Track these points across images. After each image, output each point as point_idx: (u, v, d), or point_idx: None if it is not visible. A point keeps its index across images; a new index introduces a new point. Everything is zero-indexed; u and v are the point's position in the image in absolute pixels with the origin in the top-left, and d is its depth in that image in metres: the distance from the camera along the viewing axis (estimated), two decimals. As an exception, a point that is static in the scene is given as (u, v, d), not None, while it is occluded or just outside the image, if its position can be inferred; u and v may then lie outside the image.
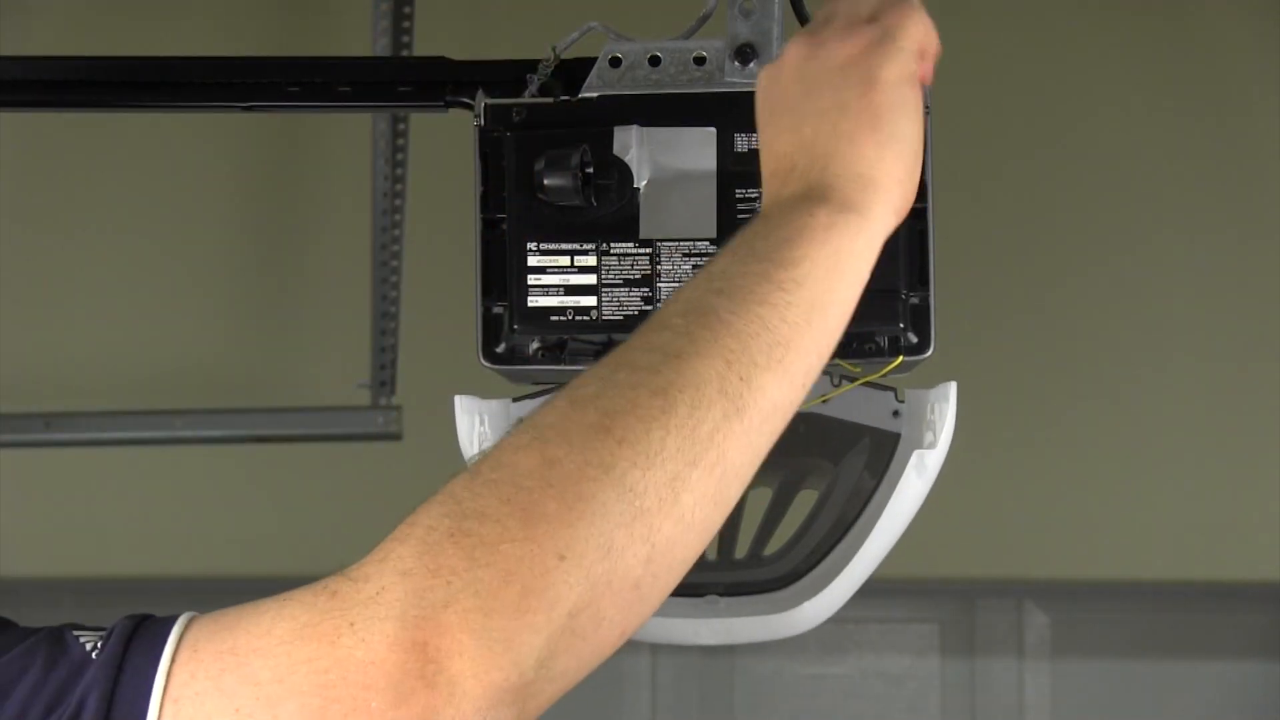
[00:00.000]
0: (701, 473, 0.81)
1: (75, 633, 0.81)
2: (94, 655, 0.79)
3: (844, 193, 0.89)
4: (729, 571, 1.20)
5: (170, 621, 0.80)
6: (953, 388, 1.15)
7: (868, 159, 0.90)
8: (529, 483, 0.78)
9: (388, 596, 0.76)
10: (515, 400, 1.18)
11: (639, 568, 0.79)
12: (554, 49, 1.18)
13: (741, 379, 0.82)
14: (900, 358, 1.10)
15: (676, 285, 1.13)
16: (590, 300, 1.13)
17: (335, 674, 0.75)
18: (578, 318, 1.13)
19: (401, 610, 0.75)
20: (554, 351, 1.14)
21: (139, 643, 0.79)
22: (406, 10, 2.77)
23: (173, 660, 0.77)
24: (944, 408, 1.14)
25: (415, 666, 0.75)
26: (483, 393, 1.18)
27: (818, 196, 0.89)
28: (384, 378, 2.90)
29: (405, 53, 2.75)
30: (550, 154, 1.11)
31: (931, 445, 1.14)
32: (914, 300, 1.12)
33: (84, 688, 0.77)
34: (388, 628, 0.75)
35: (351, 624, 0.76)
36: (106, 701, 0.77)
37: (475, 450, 1.16)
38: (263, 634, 0.77)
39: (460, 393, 1.17)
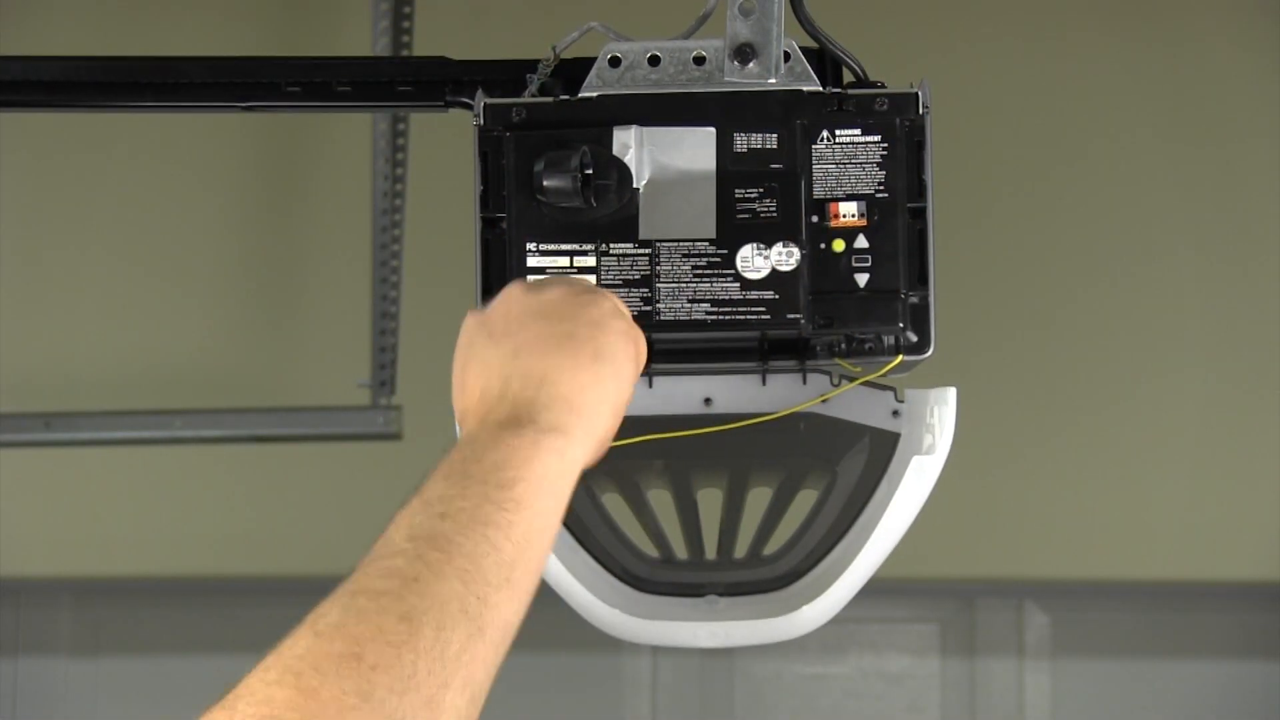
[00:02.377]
0: (454, 694, 0.81)
1: None
2: None
3: (549, 415, 0.92)
4: (729, 571, 1.20)
5: None
6: (953, 392, 1.15)
7: (577, 384, 0.94)
8: (290, 716, 0.77)
9: None
10: (515, 400, 1.18)
11: None
12: (554, 49, 1.18)
13: (479, 598, 0.83)
14: (900, 357, 1.10)
15: (675, 285, 1.13)
16: (590, 300, 1.12)
17: None
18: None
19: None
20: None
21: None
22: (406, 10, 2.77)
23: None
24: (944, 411, 1.14)
25: None
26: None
27: (526, 419, 0.92)
28: (384, 378, 2.90)
29: (405, 53, 2.76)
30: (550, 155, 1.11)
31: (931, 450, 1.14)
32: (914, 300, 1.12)
33: None
34: None
35: None
36: None
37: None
38: None
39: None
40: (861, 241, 1.12)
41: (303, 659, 0.79)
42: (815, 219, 1.13)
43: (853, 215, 1.13)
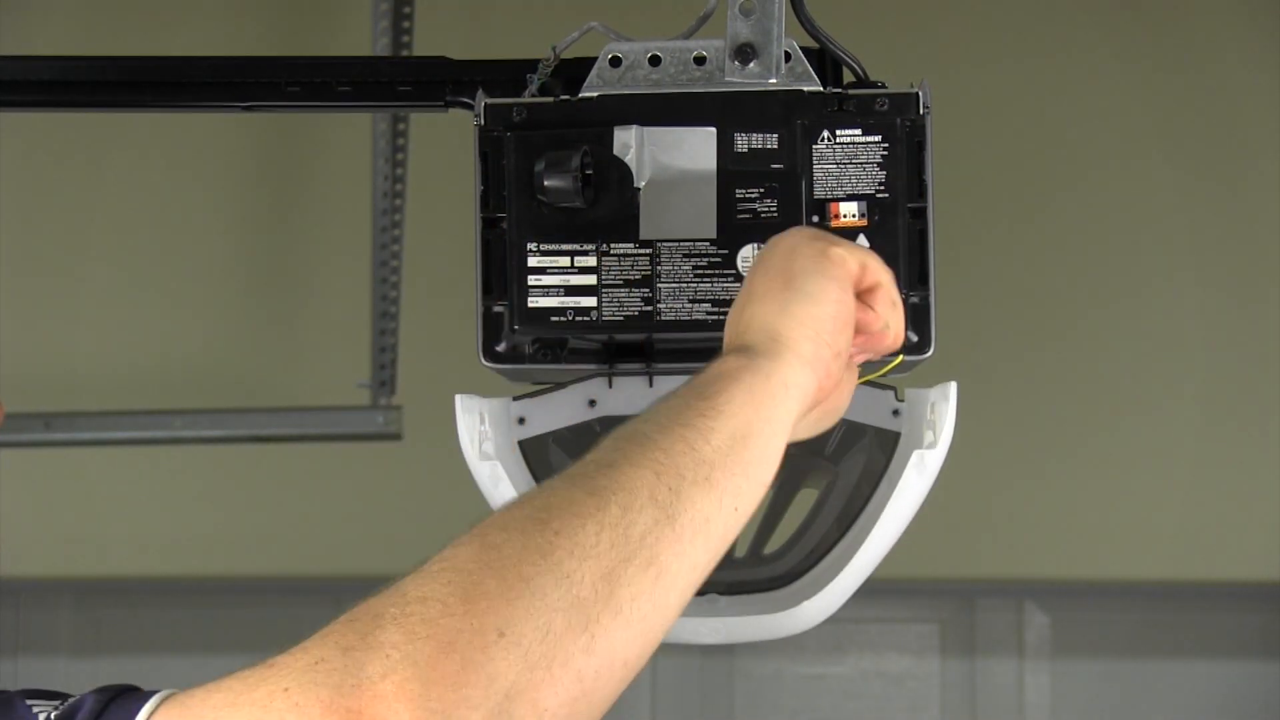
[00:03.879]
0: (636, 570, 0.83)
1: (29, 702, 0.81)
2: None
3: (756, 346, 0.96)
4: (729, 570, 1.20)
5: (145, 698, 0.80)
6: (953, 388, 1.15)
7: (770, 312, 0.98)
8: (469, 566, 0.80)
9: (326, 666, 0.76)
10: (515, 399, 1.18)
11: (579, 656, 0.80)
12: (554, 49, 1.18)
13: (670, 489, 0.87)
14: (900, 357, 1.10)
15: (676, 285, 1.13)
16: (590, 301, 1.13)
17: None
18: (578, 318, 1.13)
19: (339, 679, 0.76)
20: (554, 351, 1.14)
21: (111, 713, 0.79)
22: (406, 10, 2.77)
23: None
24: (944, 407, 1.14)
25: None
26: (483, 392, 1.18)
27: (734, 350, 0.97)
28: (384, 378, 2.90)
29: (405, 53, 2.75)
30: (550, 156, 1.11)
31: (931, 445, 1.14)
32: (914, 300, 1.12)
33: None
34: (323, 694, 0.75)
35: (286, 689, 0.76)
36: None
37: (476, 449, 1.16)
38: (200, 701, 0.78)
39: (460, 392, 1.17)
40: (862, 241, 1.12)
41: (492, 522, 0.84)
42: (816, 219, 1.13)
43: (853, 215, 1.13)
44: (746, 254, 1.13)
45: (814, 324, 0.97)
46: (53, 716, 0.80)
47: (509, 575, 0.80)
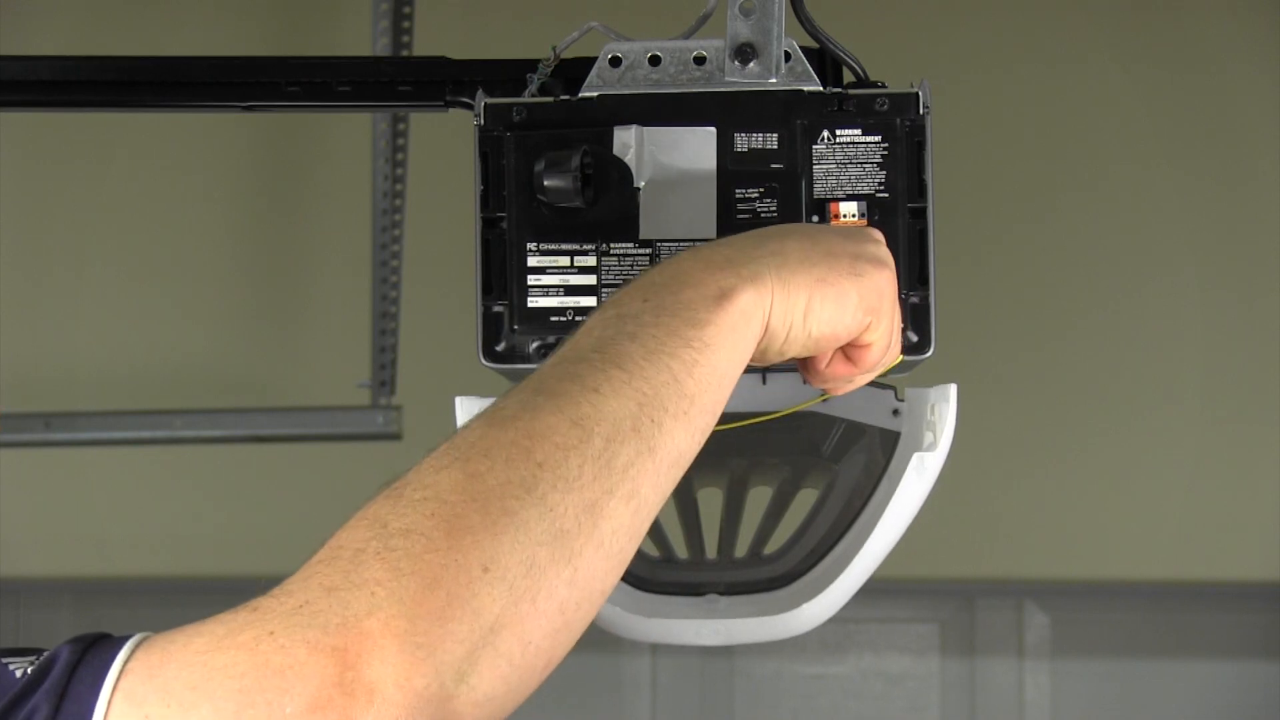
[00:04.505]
0: (618, 502, 0.83)
1: (4, 660, 0.81)
2: (30, 683, 0.78)
3: (752, 267, 0.95)
4: (729, 571, 1.20)
5: (120, 644, 0.80)
6: (953, 389, 1.15)
7: (786, 255, 0.96)
8: (452, 497, 0.80)
9: (311, 608, 0.77)
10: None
11: (563, 589, 0.80)
12: (554, 49, 1.18)
13: (652, 421, 0.86)
14: (900, 357, 1.10)
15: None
16: (590, 301, 1.13)
17: (251, 679, 0.75)
18: (578, 318, 1.13)
19: (324, 620, 0.76)
20: (554, 351, 1.14)
21: (84, 670, 0.79)
22: (406, 10, 2.77)
23: (114, 688, 0.77)
24: (944, 409, 1.14)
25: (334, 672, 0.75)
26: (483, 393, 1.18)
27: (731, 265, 0.95)
28: (384, 378, 2.90)
29: (405, 53, 2.75)
30: (550, 155, 1.10)
31: (931, 447, 1.14)
32: (914, 300, 1.12)
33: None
34: (309, 634, 0.75)
35: (271, 632, 0.76)
36: None
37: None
38: (182, 647, 0.78)
39: (460, 393, 1.17)
40: None
41: (474, 445, 0.83)
42: (816, 219, 1.13)
43: (853, 215, 1.12)
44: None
45: (821, 292, 0.96)
46: (29, 671, 0.79)
47: (492, 508, 0.79)
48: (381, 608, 0.76)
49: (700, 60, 1.15)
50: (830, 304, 0.97)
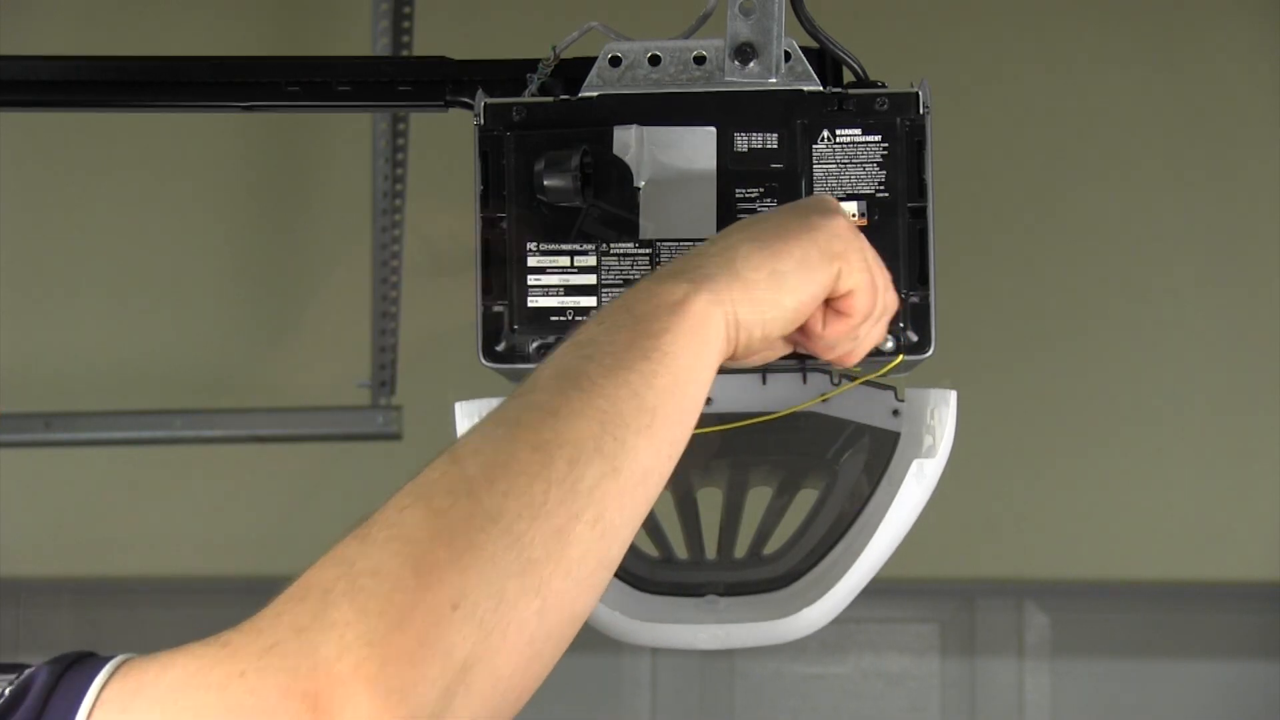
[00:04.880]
0: (585, 527, 0.82)
1: None
2: (4, 707, 0.77)
3: (707, 271, 0.93)
4: (729, 571, 1.20)
5: (97, 669, 0.79)
6: (953, 395, 1.15)
7: (744, 250, 0.95)
8: (418, 534, 0.78)
9: (281, 650, 0.75)
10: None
11: (533, 620, 0.79)
12: (554, 49, 1.18)
13: (615, 439, 0.85)
14: (900, 357, 1.10)
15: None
16: (590, 300, 1.13)
17: None
18: (578, 318, 1.13)
19: (295, 663, 0.75)
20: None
21: (58, 699, 0.78)
22: (406, 10, 2.77)
23: (91, 709, 0.77)
24: (944, 413, 1.14)
25: (305, 719, 0.74)
26: (483, 393, 1.18)
27: (686, 272, 0.93)
28: (384, 378, 2.90)
29: (405, 53, 2.75)
30: (550, 155, 1.10)
31: (931, 452, 1.14)
32: (914, 300, 1.12)
33: None
34: (280, 679, 0.75)
35: (242, 673, 0.75)
36: None
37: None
38: (154, 680, 0.77)
39: (460, 392, 1.17)
40: None
41: (435, 483, 0.81)
42: (815, 219, 1.13)
43: (853, 215, 1.13)
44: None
45: (781, 285, 0.96)
46: (7, 692, 0.78)
47: (458, 543, 0.78)
48: (351, 650, 0.74)
49: (700, 60, 1.15)
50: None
